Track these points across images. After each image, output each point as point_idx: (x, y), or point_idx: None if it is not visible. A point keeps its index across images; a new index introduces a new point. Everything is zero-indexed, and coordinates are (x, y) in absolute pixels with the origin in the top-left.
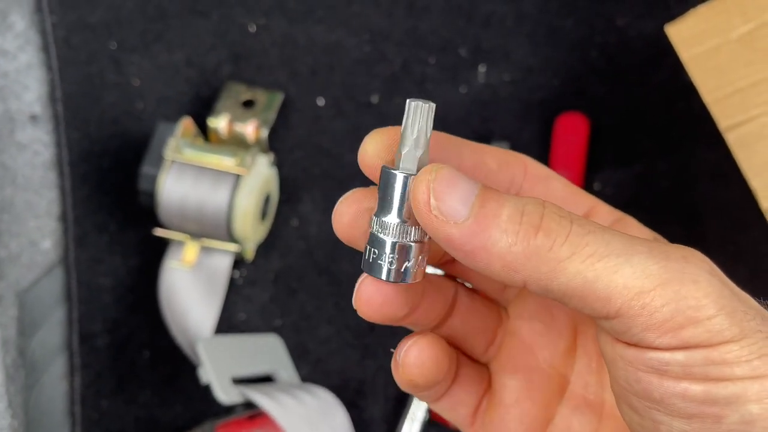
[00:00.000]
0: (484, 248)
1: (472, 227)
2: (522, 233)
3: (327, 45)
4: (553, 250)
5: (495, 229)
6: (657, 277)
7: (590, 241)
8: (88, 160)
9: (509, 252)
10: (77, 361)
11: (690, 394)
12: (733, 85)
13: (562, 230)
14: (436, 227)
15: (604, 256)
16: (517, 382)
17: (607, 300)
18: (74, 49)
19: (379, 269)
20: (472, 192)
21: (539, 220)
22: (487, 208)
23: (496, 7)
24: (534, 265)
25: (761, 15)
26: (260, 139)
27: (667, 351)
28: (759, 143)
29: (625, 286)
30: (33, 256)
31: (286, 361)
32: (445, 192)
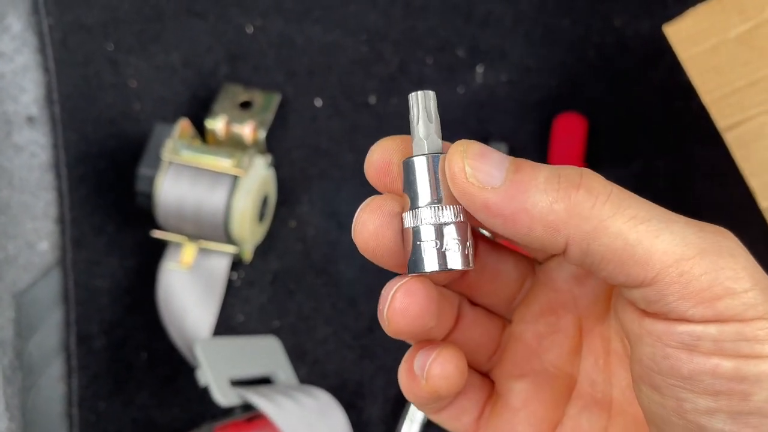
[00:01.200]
0: (524, 210)
1: (510, 190)
2: (562, 191)
3: (324, 45)
4: (596, 207)
5: (534, 189)
6: (696, 246)
7: (631, 204)
8: (85, 162)
9: (551, 210)
10: (75, 363)
11: (720, 370)
12: (731, 84)
13: (604, 189)
14: (473, 194)
15: (646, 220)
16: (524, 385)
17: (645, 264)
18: (71, 50)
19: (428, 262)
20: (504, 160)
21: (579, 179)
22: (523, 173)
23: (493, 7)
24: (576, 223)
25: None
26: (258, 140)
27: (699, 324)
28: (757, 143)
29: (665, 252)
30: (30, 257)
31: (284, 363)
32: (479, 160)
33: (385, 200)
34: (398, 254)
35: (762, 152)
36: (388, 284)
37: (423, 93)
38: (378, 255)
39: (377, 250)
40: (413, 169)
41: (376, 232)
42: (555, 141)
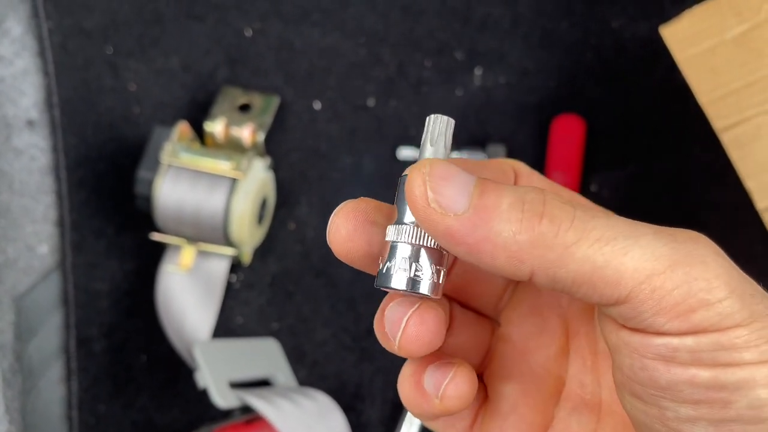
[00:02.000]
0: (487, 239)
1: (473, 218)
2: (525, 221)
3: (323, 48)
4: (560, 236)
5: (497, 218)
6: (667, 258)
7: (596, 225)
8: (84, 165)
9: (514, 241)
10: (74, 366)
11: (698, 380)
12: (727, 86)
13: (566, 215)
14: (435, 221)
15: (611, 239)
16: (512, 388)
17: (617, 284)
18: (71, 54)
19: (396, 280)
20: (469, 183)
21: (542, 207)
22: (487, 198)
23: (491, 9)
24: (541, 253)
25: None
26: (257, 143)
27: (675, 336)
28: (754, 144)
29: (635, 269)
30: (30, 261)
31: (283, 365)
32: (442, 184)
33: (358, 205)
34: (372, 260)
35: (759, 153)
36: (395, 308)
37: (446, 119)
38: (351, 259)
39: (350, 254)
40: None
41: (348, 237)
42: (553, 143)
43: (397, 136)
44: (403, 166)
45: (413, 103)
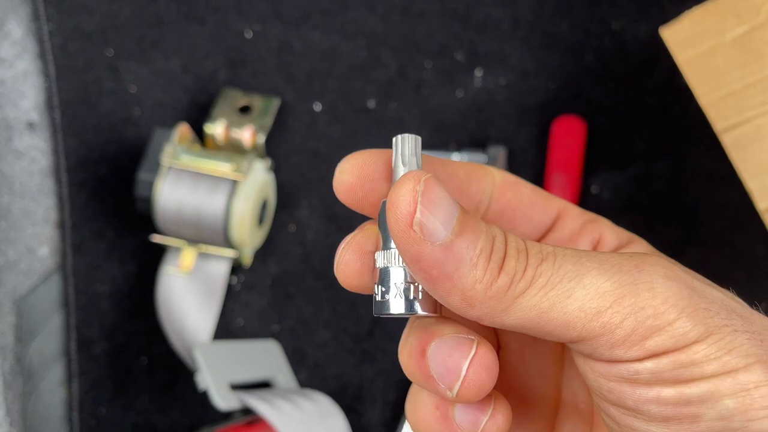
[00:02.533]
0: (450, 278)
1: (447, 254)
2: (488, 272)
3: (323, 50)
4: (511, 289)
5: (467, 263)
6: (611, 293)
7: (543, 270)
8: (85, 167)
9: (472, 288)
10: (75, 368)
11: (663, 398)
12: (727, 87)
13: (520, 266)
14: (410, 242)
15: (556, 284)
16: (512, 400)
17: (566, 327)
18: (71, 56)
19: (394, 305)
20: (453, 213)
21: (503, 259)
22: (465, 237)
23: (491, 11)
24: (491, 304)
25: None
26: (257, 145)
27: (636, 362)
28: (754, 145)
29: (581, 310)
30: (30, 263)
31: (284, 367)
32: (430, 207)
33: (367, 239)
34: None
35: (759, 154)
36: (447, 352)
37: (412, 137)
38: (361, 290)
39: (359, 288)
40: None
41: (358, 272)
42: (554, 144)
43: None
44: None
45: (414, 104)
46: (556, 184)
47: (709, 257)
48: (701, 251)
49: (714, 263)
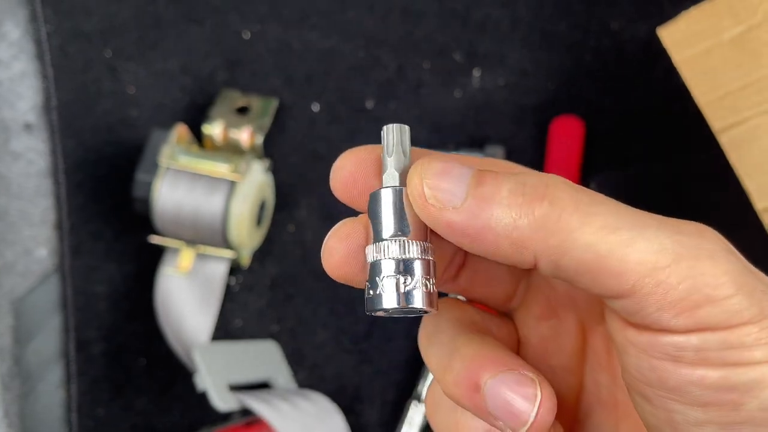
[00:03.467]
0: (488, 228)
1: (472, 208)
2: (526, 205)
3: (322, 51)
4: (562, 220)
5: (497, 205)
6: (672, 252)
7: (600, 211)
8: (83, 168)
9: (515, 227)
10: (73, 369)
11: (707, 381)
12: (725, 87)
13: (570, 199)
14: (435, 216)
15: (616, 229)
16: None
17: (620, 276)
18: (69, 57)
19: (386, 299)
20: (465, 175)
21: (544, 190)
22: (485, 187)
23: (490, 11)
24: (543, 238)
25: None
26: (255, 146)
27: (682, 334)
28: (752, 144)
29: (639, 262)
30: (28, 264)
31: (282, 367)
32: (439, 178)
33: (354, 228)
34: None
35: (757, 154)
36: (519, 399)
37: (398, 126)
38: (348, 281)
39: (347, 277)
40: (380, 201)
41: (344, 261)
42: (552, 144)
43: None
44: None
45: (413, 105)
46: None
47: None
48: None
49: None
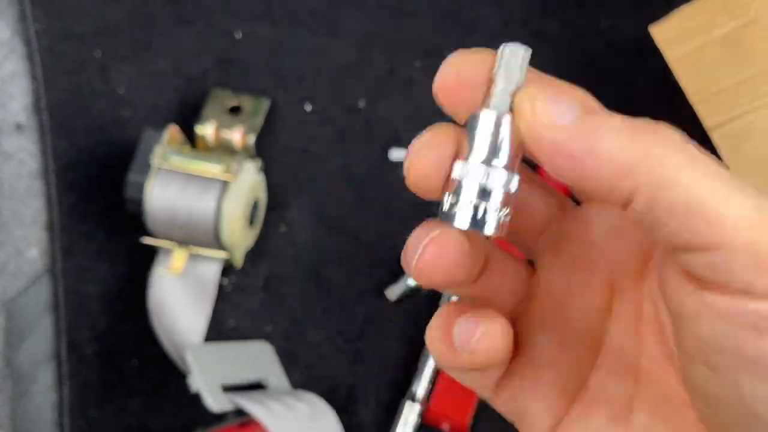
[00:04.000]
0: (593, 150)
1: (581, 129)
2: (637, 133)
3: (313, 50)
4: (669, 155)
5: (606, 128)
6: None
7: (707, 162)
8: (74, 169)
9: (622, 150)
10: (65, 371)
11: None
12: (717, 84)
13: (680, 140)
14: (540, 132)
15: (719, 179)
16: (549, 341)
17: (715, 224)
18: (59, 57)
19: (460, 219)
20: (578, 100)
21: (655, 125)
22: (596, 114)
23: (481, 10)
24: (647, 167)
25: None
26: (247, 146)
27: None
28: (743, 141)
29: (737, 215)
30: (19, 265)
31: (276, 368)
32: (551, 97)
33: (447, 136)
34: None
35: (748, 151)
36: (418, 232)
37: (514, 47)
38: (427, 193)
39: (427, 190)
40: (479, 122)
41: (432, 168)
42: None
43: (389, 137)
44: (394, 167)
45: (404, 104)
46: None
47: None
48: None
49: None
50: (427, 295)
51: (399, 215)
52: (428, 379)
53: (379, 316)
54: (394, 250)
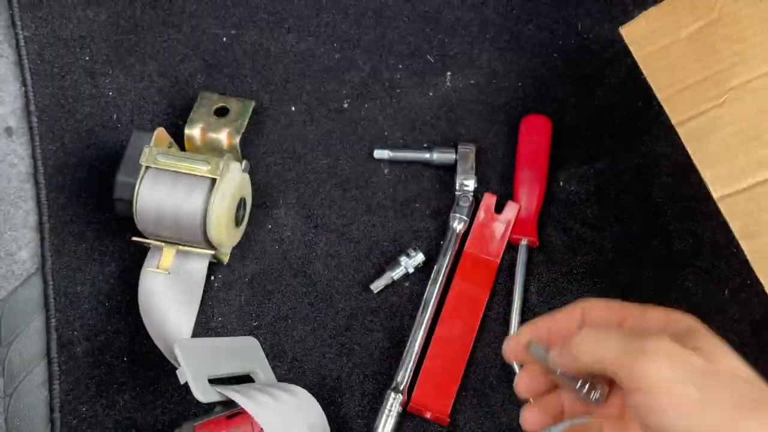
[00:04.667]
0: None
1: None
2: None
3: (298, 53)
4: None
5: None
6: None
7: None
8: (63, 171)
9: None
10: (56, 369)
11: None
12: (683, 81)
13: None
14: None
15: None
16: None
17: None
18: (48, 62)
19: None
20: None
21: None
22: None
23: (461, 14)
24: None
25: (709, 14)
26: (234, 146)
27: None
28: (709, 136)
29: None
30: (10, 266)
31: (263, 362)
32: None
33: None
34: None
35: (714, 145)
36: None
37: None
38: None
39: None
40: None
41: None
42: (522, 141)
43: (372, 136)
44: (378, 165)
45: (387, 105)
46: (524, 179)
47: (672, 246)
48: (666, 241)
49: (678, 252)
50: (410, 289)
51: (382, 212)
52: (410, 369)
53: (364, 310)
54: (378, 245)
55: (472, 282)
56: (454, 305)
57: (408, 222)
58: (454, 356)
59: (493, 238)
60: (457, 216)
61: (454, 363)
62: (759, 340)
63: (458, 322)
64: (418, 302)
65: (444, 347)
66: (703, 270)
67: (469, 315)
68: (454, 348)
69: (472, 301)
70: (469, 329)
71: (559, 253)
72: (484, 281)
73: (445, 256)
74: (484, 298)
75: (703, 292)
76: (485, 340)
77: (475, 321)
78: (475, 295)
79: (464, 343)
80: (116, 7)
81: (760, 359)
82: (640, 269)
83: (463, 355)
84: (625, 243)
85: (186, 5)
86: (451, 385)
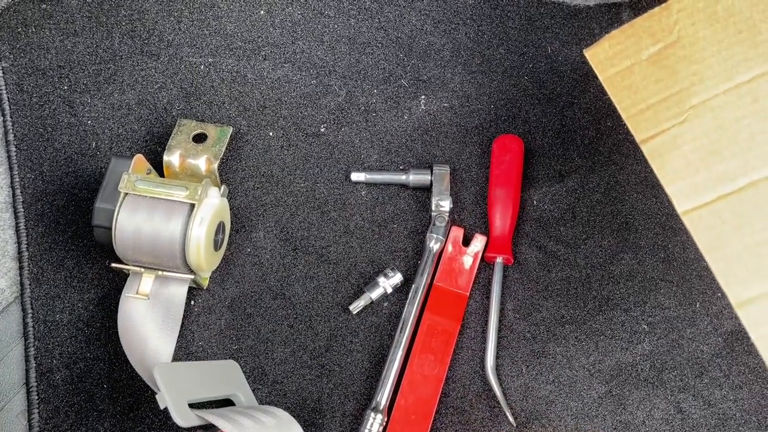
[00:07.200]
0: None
1: None
2: None
3: (274, 80)
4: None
5: None
6: None
7: None
8: (42, 200)
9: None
10: (35, 397)
11: None
12: (645, 101)
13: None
14: None
15: None
16: None
17: None
18: (27, 92)
19: None
20: None
21: None
22: None
23: (433, 39)
24: None
25: (668, 36)
26: (212, 171)
27: None
28: (671, 153)
29: None
30: None
31: (244, 385)
32: None
33: None
34: None
35: (675, 161)
36: None
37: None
38: None
39: None
40: None
41: None
42: (495, 161)
43: (349, 160)
44: (355, 188)
45: (363, 128)
46: (498, 198)
47: (644, 262)
48: (636, 256)
49: (649, 267)
50: (389, 309)
51: (360, 234)
52: (390, 389)
53: (343, 331)
54: (357, 267)
55: (443, 315)
56: (425, 340)
57: (385, 243)
58: (427, 394)
59: (462, 270)
60: (434, 236)
61: (426, 401)
62: (731, 351)
63: (430, 357)
64: (397, 322)
65: (416, 385)
66: (674, 283)
67: (440, 348)
68: (426, 385)
69: (442, 334)
70: (441, 363)
71: (534, 270)
72: (455, 314)
73: (422, 275)
74: (455, 331)
75: (675, 306)
76: (464, 357)
77: (446, 355)
78: (446, 328)
79: (437, 379)
80: (94, 37)
81: (732, 370)
82: (614, 284)
83: (435, 391)
84: (598, 259)
85: (163, 35)
86: (430, 406)
